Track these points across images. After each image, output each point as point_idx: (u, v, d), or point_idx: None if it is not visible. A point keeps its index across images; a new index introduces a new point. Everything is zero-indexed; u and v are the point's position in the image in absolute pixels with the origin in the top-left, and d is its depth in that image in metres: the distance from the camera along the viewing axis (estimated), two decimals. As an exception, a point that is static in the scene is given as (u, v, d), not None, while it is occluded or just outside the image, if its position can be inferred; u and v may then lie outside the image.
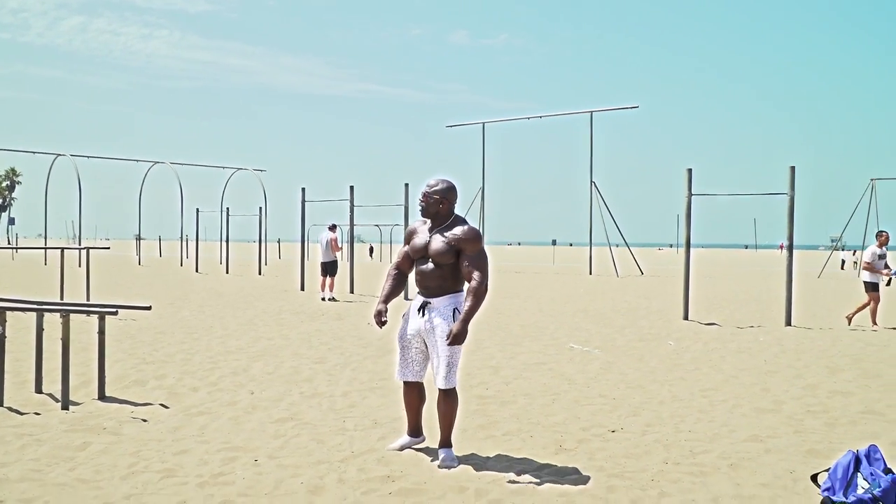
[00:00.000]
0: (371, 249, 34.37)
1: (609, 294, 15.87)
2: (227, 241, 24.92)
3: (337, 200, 16.34)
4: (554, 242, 39.70)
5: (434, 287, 3.65)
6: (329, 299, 13.30)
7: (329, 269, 13.68)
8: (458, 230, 3.61)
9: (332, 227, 13.96)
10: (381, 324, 3.60)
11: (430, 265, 3.64)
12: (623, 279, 22.17)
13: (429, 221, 3.73)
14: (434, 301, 3.63)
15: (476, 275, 3.47)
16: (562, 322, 10.36)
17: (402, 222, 14.67)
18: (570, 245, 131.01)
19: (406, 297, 13.26)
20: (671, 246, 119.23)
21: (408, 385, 3.75)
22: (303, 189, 16.35)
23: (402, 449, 3.78)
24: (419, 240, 3.72)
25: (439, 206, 3.71)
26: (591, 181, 25.02)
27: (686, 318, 10.91)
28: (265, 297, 13.96)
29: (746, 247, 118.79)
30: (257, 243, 23.62)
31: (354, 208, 15.44)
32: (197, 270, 23.63)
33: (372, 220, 33.46)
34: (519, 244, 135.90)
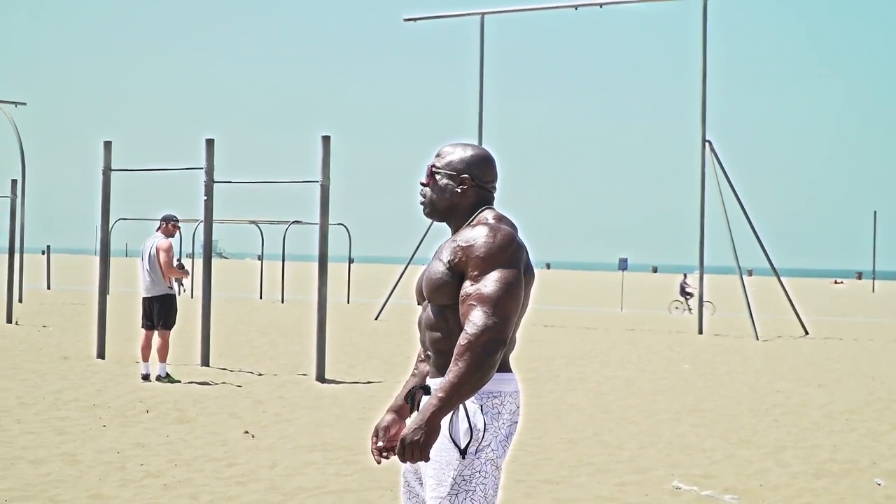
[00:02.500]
0: (181, 267, 29.50)
1: (743, 375, 16.25)
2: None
3: (179, 169, 16.49)
4: (624, 266, 39.92)
5: (436, 353, 3.86)
6: (160, 377, 13.42)
7: (159, 312, 13.70)
8: (465, 234, 3.80)
9: (168, 225, 13.91)
10: (378, 454, 3.88)
11: (429, 312, 3.87)
12: (769, 344, 22.79)
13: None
14: (435, 384, 3.84)
15: (476, 315, 3.63)
16: (651, 434, 10.51)
17: (317, 215, 14.80)
18: (655, 271, 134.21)
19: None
20: (859, 276, 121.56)
21: None
22: (106, 145, 16.40)
23: None
24: (425, 270, 4.01)
25: (455, 195, 3.93)
26: (705, 141, 25.52)
27: (907, 428, 11.03)
28: (24, 370, 14.04)
29: None
30: (6, 255, 23.56)
31: (214, 186, 15.53)
32: None
33: (252, 213, 33.62)
34: (549, 267, 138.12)
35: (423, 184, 3.94)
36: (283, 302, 34.91)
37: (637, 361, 17.99)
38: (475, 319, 3.57)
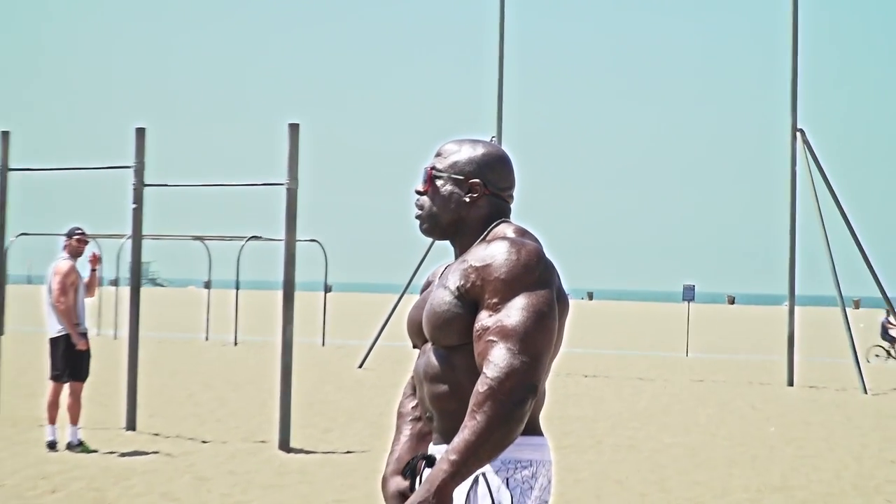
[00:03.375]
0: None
1: (845, 441, 16.24)
2: None
3: (99, 168, 16.66)
4: (690, 295, 39.96)
5: (440, 413, 3.91)
6: (71, 445, 13.42)
7: (64, 358, 13.66)
8: (478, 252, 3.84)
9: (72, 241, 13.81)
10: None
11: (430, 358, 3.91)
12: (880, 400, 22.84)
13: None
14: (441, 451, 3.90)
15: (498, 354, 3.66)
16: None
17: (282, 229, 14.79)
18: (732, 302, 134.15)
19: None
20: None
21: None
22: (4, 136, 16.38)
23: None
24: (416, 302, 4.10)
25: (462, 205, 3.99)
26: (796, 131, 25.47)
27: None
28: None
29: None
30: None
31: (146, 190, 15.53)
32: None
33: (196, 226, 33.67)
34: (591, 297, 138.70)
35: (419, 192, 3.97)
36: (236, 344, 35.00)
37: (706, 423, 17.94)
38: (497, 359, 3.57)
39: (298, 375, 17.41)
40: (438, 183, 3.93)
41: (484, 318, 3.67)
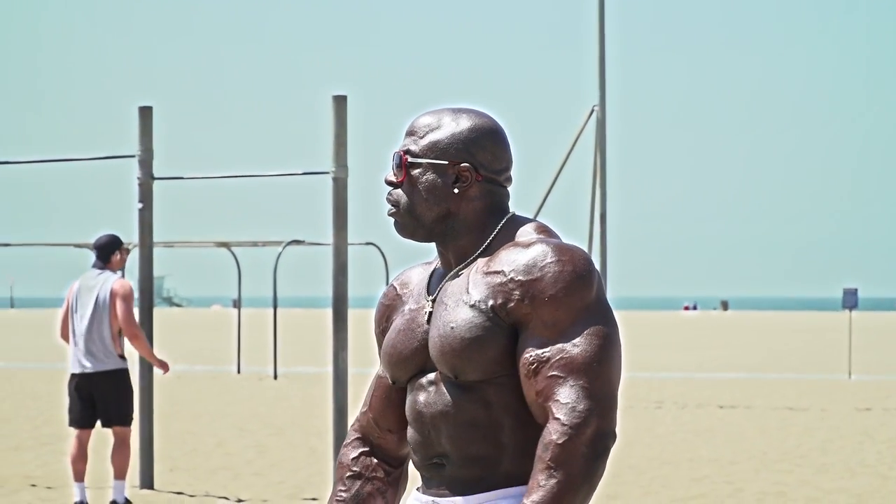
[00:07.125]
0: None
1: None
2: None
3: (91, 159, 16.91)
4: (852, 302, 39.52)
5: (464, 458, 3.86)
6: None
7: (109, 397, 13.92)
8: (515, 259, 3.82)
9: (122, 253, 14.29)
10: None
11: (444, 392, 3.87)
12: None
13: (433, 263, 4.09)
14: None
15: (568, 394, 3.66)
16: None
17: (329, 231, 14.93)
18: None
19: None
20: None
21: None
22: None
23: None
24: (400, 325, 4.04)
25: (449, 198, 3.94)
26: None
27: None
28: None
29: None
30: None
31: (155, 185, 15.90)
32: None
33: (220, 230, 33.75)
34: (725, 307, 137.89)
35: (390, 183, 3.92)
36: (276, 377, 35.18)
37: (876, 463, 17.79)
38: (571, 401, 3.59)
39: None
40: (416, 172, 3.86)
41: (537, 348, 3.66)
